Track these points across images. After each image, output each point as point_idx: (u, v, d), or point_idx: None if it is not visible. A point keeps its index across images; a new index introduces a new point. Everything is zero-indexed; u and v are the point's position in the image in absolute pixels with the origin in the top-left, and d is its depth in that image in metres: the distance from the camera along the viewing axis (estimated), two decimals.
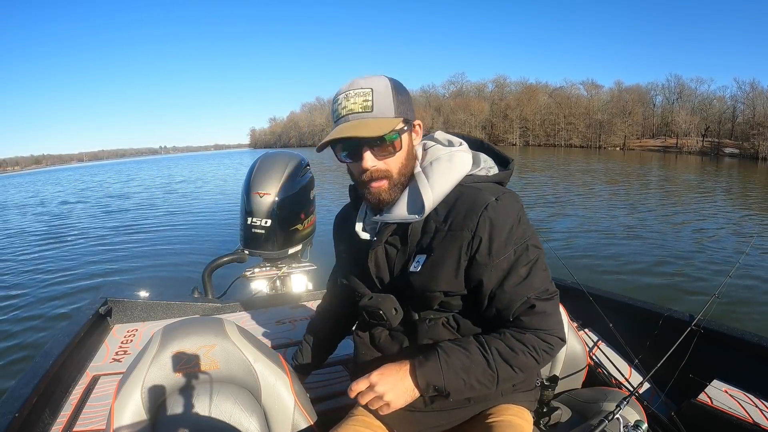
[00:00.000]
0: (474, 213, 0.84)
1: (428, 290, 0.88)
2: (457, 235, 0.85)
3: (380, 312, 0.92)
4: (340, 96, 0.86)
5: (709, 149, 50.43)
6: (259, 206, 2.25)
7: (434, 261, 0.87)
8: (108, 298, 2.02)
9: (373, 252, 0.94)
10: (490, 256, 0.83)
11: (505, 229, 0.84)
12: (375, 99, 0.84)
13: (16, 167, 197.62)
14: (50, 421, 1.32)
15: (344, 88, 0.87)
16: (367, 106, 0.83)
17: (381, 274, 0.95)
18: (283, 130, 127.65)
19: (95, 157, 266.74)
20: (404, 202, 0.89)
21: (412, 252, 0.90)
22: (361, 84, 0.85)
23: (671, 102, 63.17)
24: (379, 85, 0.85)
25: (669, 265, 5.90)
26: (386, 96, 0.85)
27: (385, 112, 0.84)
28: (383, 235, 0.92)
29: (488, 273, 0.84)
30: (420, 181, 0.88)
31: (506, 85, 77.60)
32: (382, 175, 0.86)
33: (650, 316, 1.71)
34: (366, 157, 0.84)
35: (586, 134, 65.81)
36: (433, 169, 0.89)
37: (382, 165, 0.86)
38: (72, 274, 6.29)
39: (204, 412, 0.97)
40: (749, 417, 1.26)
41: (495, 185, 0.91)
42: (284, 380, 1.02)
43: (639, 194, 13.81)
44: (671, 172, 22.81)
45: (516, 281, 0.84)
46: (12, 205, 18.43)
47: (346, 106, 0.84)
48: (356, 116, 0.84)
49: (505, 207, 0.85)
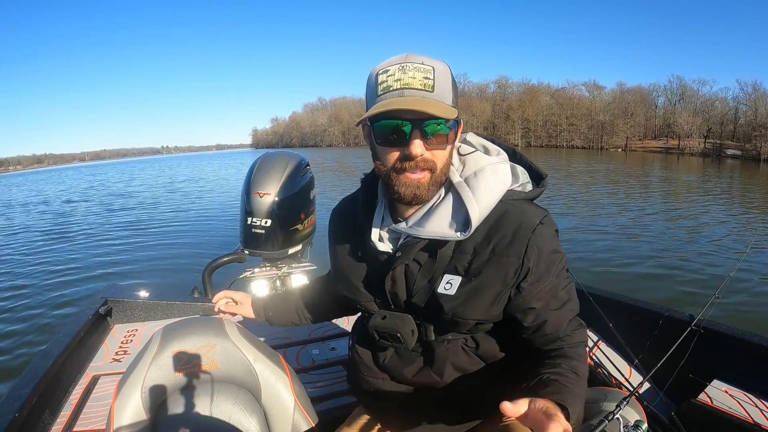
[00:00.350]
0: (522, 237, 0.77)
1: (461, 316, 0.80)
2: (503, 262, 0.77)
3: (398, 335, 0.83)
4: (393, 67, 0.73)
5: (711, 150, 50.64)
6: (259, 206, 2.25)
7: (475, 287, 0.78)
8: (108, 298, 2.02)
9: (394, 269, 0.82)
10: (536, 283, 0.78)
11: (550, 254, 0.79)
12: (436, 79, 0.73)
13: (18, 166, 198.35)
14: (50, 421, 1.32)
15: (395, 60, 0.74)
16: (428, 85, 0.72)
17: (397, 290, 0.84)
18: (285, 130, 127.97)
19: (97, 156, 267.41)
20: (443, 215, 0.78)
21: (440, 271, 0.80)
22: (422, 60, 0.74)
23: (673, 103, 63.43)
24: (439, 66, 0.74)
25: (669, 265, 5.91)
26: (447, 80, 0.75)
27: (444, 98, 0.74)
28: (411, 252, 0.81)
29: (534, 301, 0.78)
30: (463, 193, 0.77)
31: (508, 86, 77.98)
32: (426, 166, 0.75)
33: (650, 316, 1.71)
34: (416, 142, 0.73)
35: (588, 135, 66.09)
36: (479, 181, 0.78)
37: (429, 155, 0.75)
38: (72, 274, 6.29)
39: (204, 412, 0.97)
40: (749, 417, 1.26)
41: (534, 204, 0.84)
42: (284, 380, 1.02)
43: (640, 195, 13.82)
44: (672, 173, 22.84)
45: (558, 305, 0.80)
46: (12, 204, 18.42)
47: (401, 78, 0.72)
48: (414, 93, 0.72)
49: (549, 231, 0.80)
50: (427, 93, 0.72)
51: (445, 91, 0.74)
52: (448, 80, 0.75)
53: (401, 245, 0.82)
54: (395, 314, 0.85)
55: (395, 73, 0.73)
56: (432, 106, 0.70)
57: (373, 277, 0.87)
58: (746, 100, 53.73)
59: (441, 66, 0.75)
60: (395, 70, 0.73)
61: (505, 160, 0.84)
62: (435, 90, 0.72)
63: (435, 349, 0.85)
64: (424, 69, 0.72)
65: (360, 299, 0.90)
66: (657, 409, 1.35)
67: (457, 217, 0.77)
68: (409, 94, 0.72)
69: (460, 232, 0.76)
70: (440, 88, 0.73)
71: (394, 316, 0.85)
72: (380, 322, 0.85)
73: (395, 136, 0.74)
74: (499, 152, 0.85)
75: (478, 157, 0.82)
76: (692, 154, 50.87)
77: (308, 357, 1.77)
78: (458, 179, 0.80)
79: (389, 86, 0.73)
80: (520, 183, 0.84)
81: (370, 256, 0.87)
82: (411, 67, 0.72)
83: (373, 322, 0.86)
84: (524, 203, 0.82)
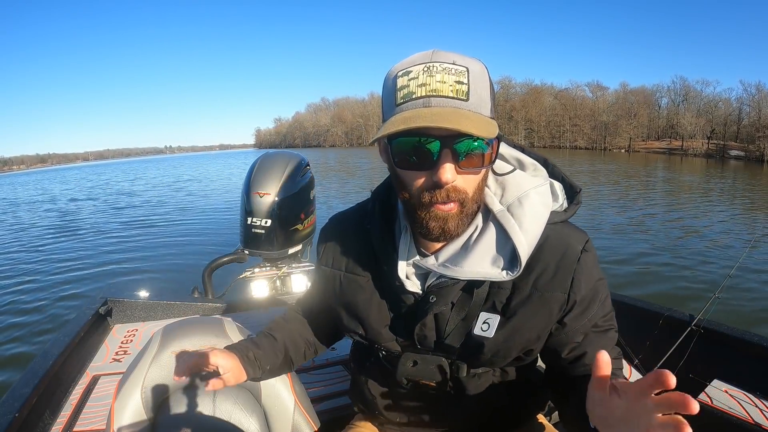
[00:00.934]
0: (567, 269, 0.68)
1: (501, 357, 0.72)
2: (548, 297, 0.68)
3: (434, 383, 0.76)
4: (416, 67, 0.59)
5: (715, 151, 50.55)
6: (259, 206, 2.24)
7: (516, 327, 0.70)
8: (108, 298, 2.02)
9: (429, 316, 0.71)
10: (580, 316, 0.70)
11: (594, 284, 0.70)
12: (472, 84, 0.58)
13: (22, 166, 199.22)
14: (50, 421, 1.32)
15: (419, 57, 0.60)
16: (461, 91, 0.58)
17: (426, 332, 0.73)
18: (288, 130, 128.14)
19: (100, 156, 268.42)
20: (484, 252, 0.66)
21: (477, 309, 0.71)
22: (453, 58, 0.59)
23: (677, 104, 63.33)
24: (474, 66, 0.60)
25: (669, 264, 5.90)
26: (484, 84, 0.60)
27: (482, 107, 0.59)
28: (449, 295, 0.70)
29: (578, 334, 0.71)
30: (507, 225, 0.65)
31: (511, 87, 77.70)
32: (456, 197, 0.61)
33: (650, 316, 1.70)
34: (446, 167, 0.58)
35: (591, 136, 66.06)
36: (525, 210, 0.66)
37: (461, 182, 0.61)
38: (72, 273, 6.29)
39: (204, 412, 0.97)
40: (749, 417, 1.26)
41: (573, 227, 0.74)
42: (284, 380, 1.02)
43: (641, 195, 13.82)
44: (675, 174, 22.80)
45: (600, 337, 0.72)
46: (15, 202, 18.44)
47: (427, 83, 0.57)
48: (444, 102, 0.57)
49: (593, 258, 0.71)
50: (461, 102, 0.58)
51: (482, 99, 0.59)
52: (486, 84, 0.60)
53: (433, 286, 0.71)
54: (427, 358, 0.75)
55: (419, 76, 0.58)
56: (468, 121, 0.56)
57: (397, 319, 0.76)
58: (750, 101, 53.70)
59: (477, 66, 0.60)
60: (419, 72, 0.58)
61: (546, 178, 0.73)
62: (470, 98, 0.58)
63: (466, 385, 0.77)
64: (456, 71, 0.58)
65: (379, 341, 0.78)
66: None
67: (503, 252, 0.65)
68: (438, 104, 0.57)
69: (507, 271, 0.65)
70: (476, 95, 0.59)
71: (427, 361, 0.75)
72: (412, 370, 0.76)
73: (419, 156, 0.59)
74: (536, 167, 0.74)
75: (520, 179, 0.70)
76: (696, 155, 50.78)
77: None
78: (500, 207, 0.67)
79: (411, 93, 0.58)
80: (560, 203, 0.73)
81: (391, 294, 0.75)
82: (439, 68, 0.58)
83: (402, 369, 0.76)
84: (564, 227, 0.72)
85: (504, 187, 0.70)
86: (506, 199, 0.68)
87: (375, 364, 0.85)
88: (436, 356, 0.75)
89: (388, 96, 0.62)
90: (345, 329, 0.84)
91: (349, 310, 0.81)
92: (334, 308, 0.84)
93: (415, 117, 0.56)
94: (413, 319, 0.73)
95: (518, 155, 0.74)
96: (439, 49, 0.61)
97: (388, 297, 0.76)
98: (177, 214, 11.61)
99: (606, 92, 69.31)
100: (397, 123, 0.57)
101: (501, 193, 0.69)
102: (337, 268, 0.82)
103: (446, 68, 0.58)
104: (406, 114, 0.58)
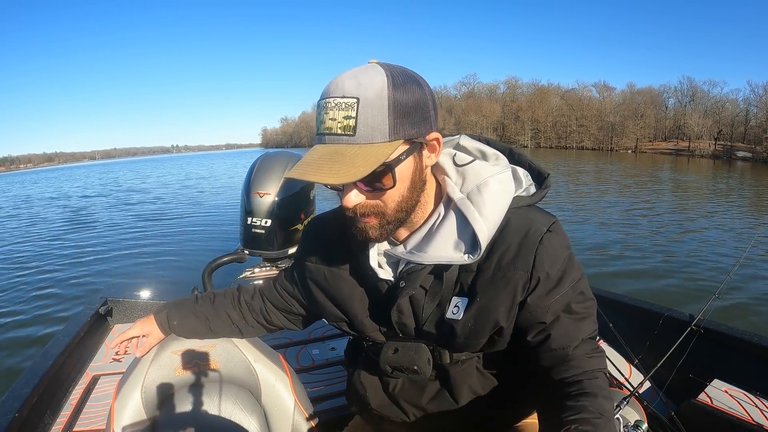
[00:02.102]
0: (529, 249, 0.70)
1: (472, 338, 0.75)
2: (510, 276, 0.71)
3: (414, 368, 0.79)
4: (321, 102, 0.64)
5: (722, 152, 50.38)
6: (259, 206, 2.24)
7: (481, 307, 0.72)
8: (108, 298, 2.02)
9: (401, 300, 0.76)
10: (547, 296, 0.71)
11: (561, 264, 0.72)
12: (360, 116, 0.61)
13: (29, 164, 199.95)
14: (50, 421, 1.32)
15: (326, 87, 0.64)
16: (348, 127, 0.61)
17: (404, 320, 0.78)
18: (294, 129, 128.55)
19: (107, 155, 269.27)
20: (447, 237, 0.71)
21: (449, 294, 0.75)
22: (346, 87, 0.61)
23: (684, 105, 63.36)
24: (368, 92, 0.61)
25: (669, 265, 5.91)
26: (378, 109, 0.61)
27: (374, 135, 0.61)
28: (416, 280, 0.74)
29: (544, 314, 0.72)
30: (467, 212, 0.70)
31: (518, 87, 78.00)
32: (371, 212, 0.67)
33: (650, 316, 1.71)
34: (349, 195, 0.65)
35: (597, 137, 66.05)
36: (483, 197, 0.70)
37: (372, 201, 0.67)
38: (72, 273, 6.28)
39: (204, 412, 0.97)
40: (749, 417, 1.26)
41: (540, 210, 0.76)
42: (284, 380, 1.02)
43: (643, 195, 13.82)
44: (680, 175, 22.73)
45: (572, 322, 0.72)
46: (18, 201, 18.45)
47: (324, 120, 0.63)
48: (333, 139, 0.62)
49: (559, 239, 0.73)
50: (348, 137, 0.61)
51: (372, 127, 0.61)
52: (382, 107, 0.61)
53: (403, 272, 0.76)
54: (408, 345, 0.79)
55: (319, 112, 0.64)
56: (338, 166, 0.60)
57: (376, 307, 0.80)
58: (757, 102, 53.73)
59: (372, 87, 0.61)
60: (320, 107, 0.63)
61: (507, 166, 0.76)
62: (357, 131, 0.61)
63: (450, 372, 0.80)
64: (345, 104, 0.61)
65: (364, 331, 0.83)
66: (657, 409, 1.35)
67: (464, 237, 0.70)
68: (330, 141, 0.62)
69: (468, 255, 0.69)
70: (365, 126, 0.60)
71: (407, 348, 0.79)
72: (393, 357, 0.80)
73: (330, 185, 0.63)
74: (498, 156, 0.77)
75: (479, 168, 0.74)
76: (702, 156, 50.63)
77: (308, 357, 1.77)
78: (459, 195, 0.72)
79: (318, 127, 0.64)
80: (524, 188, 0.76)
81: (369, 284, 0.80)
82: (332, 103, 0.61)
83: (384, 357, 0.80)
84: (529, 210, 0.75)
85: (464, 177, 0.74)
86: (466, 187, 0.73)
87: (364, 358, 0.89)
88: (416, 343, 0.79)
89: None
90: (332, 320, 0.89)
91: (335, 302, 0.85)
92: (316, 299, 0.89)
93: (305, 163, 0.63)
94: (389, 305, 0.77)
95: (481, 147, 0.78)
96: (345, 73, 0.63)
97: (366, 287, 0.81)
98: (177, 215, 11.62)
99: (613, 92, 69.53)
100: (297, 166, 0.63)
101: (461, 182, 0.74)
102: (320, 263, 0.86)
103: (337, 104, 0.61)
104: (306, 157, 0.64)
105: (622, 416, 1.00)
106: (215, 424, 0.96)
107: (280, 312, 0.98)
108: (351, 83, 0.62)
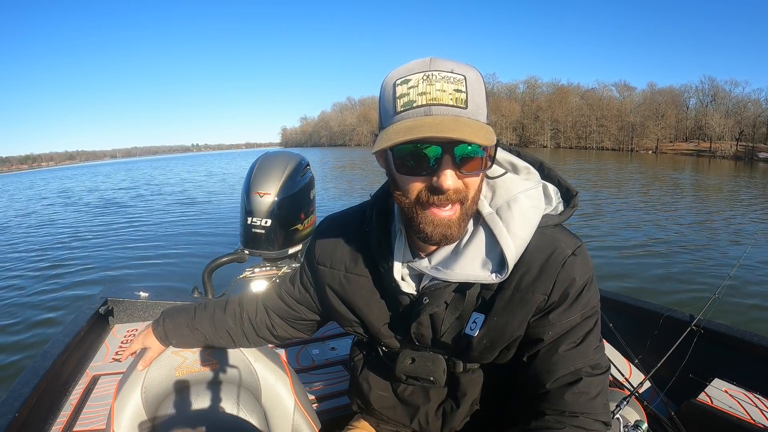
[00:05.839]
0: (550, 272, 0.68)
1: (486, 353, 0.75)
2: (528, 299, 0.69)
3: (431, 378, 0.78)
4: (415, 76, 0.59)
5: (744, 154, 49.23)
6: (259, 206, 2.24)
7: (497, 326, 0.72)
8: (108, 298, 2.02)
9: (424, 316, 0.74)
10: (557, 317, 0.69)
11: (579, 290, 0.69)
12: (470, 92, 0.59)
13: (51, 162, 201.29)
14: (50, 421, 1.32)
15: (417, 65, 0.61)
16: (460, 99, 0.59)
17: (423, 331, 0.76)
18: (314, 129, 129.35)
19: (128, 154, 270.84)
20: (474, 255, 0.68)
21: (469, 311, 0.73)
22: (450, 66, 0.60)
23: (705, 105, 62.44)
24: (470, 74, 0.60)
25: (669, 265, 5.90)
26: (480, 92, 0.61)
27: (479, 114, 0.60)
28: (441, 297, 0.72)
29: (546, 333, 0.70)
30: (496, 228, 0.67)
31: (537, 86, 77.55)
32: (457, 198, 0.62)
33: (650, 316, 1.71)
34: (447, 173, 0.60)
35: (618, 137, 65.47)
36: (513, 213, 0.67)
37: (461, 186, 0.62)
38: (72, 273, 6.29)
39: (204, 412, 0.97)
40: (749, 417, 1.26)
41: (566, 232, 0.74)
42: (284, 380, 1.02)
43: (648, 196, 13.83)
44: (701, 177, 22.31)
45: (568, 347, 0.70)
46: (14, 202, 18.44)
47: (427, 91, 0.58)
48: (444, 110, 0.58)
49: (582, 264, 0.70)
50: (460, 110, 0.59)
51: (479, 107, 0.60)
52: (482, 91, 0.61)
53: (427, 289, 0.73)
54: (425, 355, 0.78)
55: (419, 85, 0.59)
56: (468, 129, 0.57)
57: (394, 317, 0.79)
58: None
59: (473, 74, 0.61)
60: (418, 80, 0.59)
61: (539, 181, 0.73)
62: (469, 105, 0.59)
63: (460, 380, 0.81)
64: (454, 79, 0.59)
65: (380, 339, 0.82)
66: (657, 409, 1.35)
67: (491, 255, 0.67)
68: (438, 112, 0.58)
69: (496, 274, 0.67)
70: (474, 103, 0.60)
71: (425, 358, 0.78)
72: (410, 367, 0.79)
73: (419, 162, 0.60)
74: (529, 170, 0.74)
75: (509, 182, 0.71)
76: (724, 157, 49.77)
77: (308, 357, 1.77)
78: (488, 210, 0.69)
79: (412, 101, 0.59)
80: (553, 206, 0.74)
81: (389, 294, 0.78)
82: (438, 76, 0.59)
83: (401, 366, 0.79)
84: (555, 230, 0.72)
85: (494, 190, 0.71)
86: (495, 202, 0.70)
87: (374, 361, 0.88)
88: (433, 353, 0.79)
89: (387, 104, 0.62)
90: (345, 325, 0.87)
91: (351, 307, 0.83)
92: (329, 303, 0.86)
93: (419, 126, 0.57)
94: (409, 318, 0.76)
95: (512, 159, 0.75)
96: (436, 57, 0.62)
97: (386, 297, 0.79)
98: (177, 214, 11.61)
99: (633, 92, 68.84)
100: (400, 132, 0.58)
101: (491, 196, 0.71)
102: (336, 267, 0.83)
103: (445, 77, 0.59)
104: (409, 123, 0.58)
105: (622, 416, 1.00)
106: (215, 423, 0.96)
107: (286, 322, 0.96)
108: (452, 64, 0.61)
